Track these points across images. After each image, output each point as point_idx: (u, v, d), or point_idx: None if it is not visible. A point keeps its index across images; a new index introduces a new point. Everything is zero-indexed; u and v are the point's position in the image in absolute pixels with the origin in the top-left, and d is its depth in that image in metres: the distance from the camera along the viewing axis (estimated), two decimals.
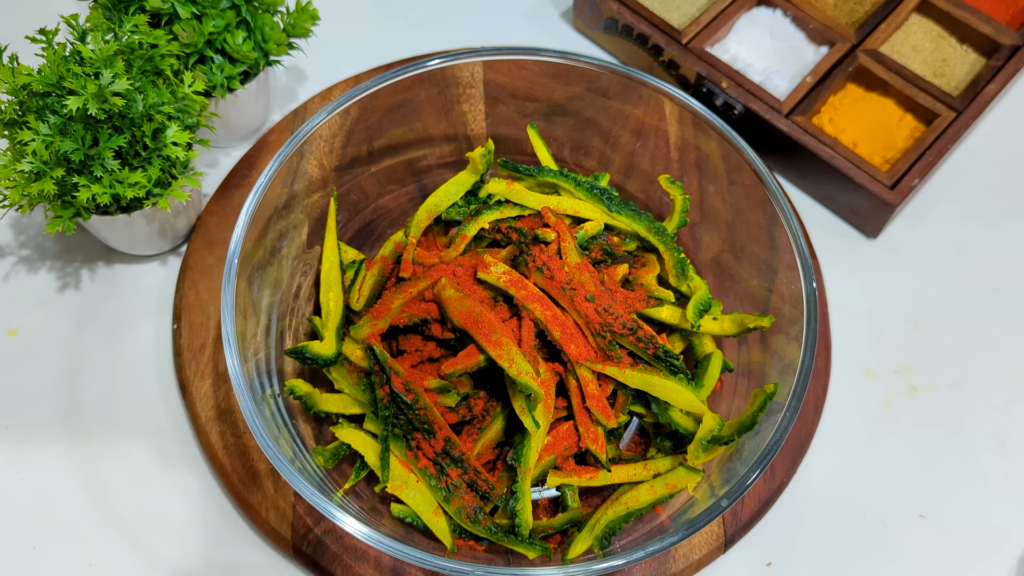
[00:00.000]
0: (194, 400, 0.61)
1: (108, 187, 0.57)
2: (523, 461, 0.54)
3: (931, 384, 0.67)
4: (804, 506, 0.62)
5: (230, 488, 0.59)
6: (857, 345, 0.68)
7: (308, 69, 0.81)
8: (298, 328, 0.62)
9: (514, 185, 0.63)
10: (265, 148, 0.72)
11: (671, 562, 0.57)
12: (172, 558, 0.58)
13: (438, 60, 0.61)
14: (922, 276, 0.72)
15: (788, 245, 0.56)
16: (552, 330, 0.56)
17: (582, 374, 0.56)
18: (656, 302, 0.60)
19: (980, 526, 0.62)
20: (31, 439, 0.62)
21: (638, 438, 0.62)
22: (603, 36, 0.82)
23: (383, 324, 0.58)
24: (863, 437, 0.65)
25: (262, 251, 0.58)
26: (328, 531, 0.57)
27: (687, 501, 0.54)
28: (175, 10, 0.64)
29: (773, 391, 0.54)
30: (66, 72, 0.56)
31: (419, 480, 0.54)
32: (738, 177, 0.60)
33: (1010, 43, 0.77)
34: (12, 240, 0.70)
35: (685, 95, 0.60)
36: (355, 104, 0.61)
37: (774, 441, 0.50)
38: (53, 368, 0.65)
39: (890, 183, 0.69)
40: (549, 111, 0.68)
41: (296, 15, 0.70)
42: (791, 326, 0.55)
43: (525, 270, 0.58)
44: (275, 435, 0.51)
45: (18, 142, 0.56)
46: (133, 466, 0.61)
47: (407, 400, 0.54)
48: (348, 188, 0.67)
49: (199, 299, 0.65)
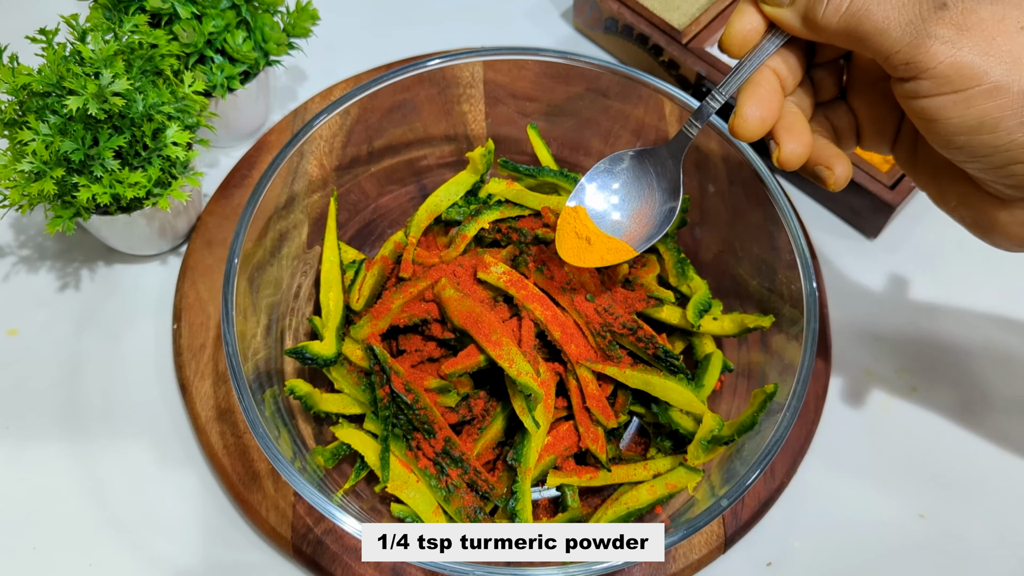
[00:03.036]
0: (194, 400, 0.61)
1: (108, 187, 0.57)
2: (523, 461, 0.54)
3: (931, 384, 0.67)
4: (804, 506, 0.62)
5: (230, 488, 0.59)
6: (857, 345, 0.68)
7: (308, 69, 0.81)
8: (298, 328, 0.62)
9: (514, 185, 0.63)
10: (265, 148, 0.72)
11: (671, 562, 0.57)
12: (172, 558, 0.58)
13: (438, 60, 0.61)
14: (922, 276, 0.72)
15: (788, 245, 0.55)
16: (552, 330, 0.56)
17: (582, 374, 0.56)
18: (656, 302, 0.60)
19: (980, 526, 0.62)
20: (31, 439, 0.62)
21: (638, 438, 0.62)
22: (603, 36, 0.82)
23: (383, 324, 0.58)
24: (863, 437, 0.65)
25: (262, 251, 0.58)
26: (328, 531, 0.57)
27: (687, 501, 0.54)
28: (175, 10, 0.64)
29: (773, 391, 0.54)
30: (66, 72, 0.56)
31: (419, 480, 0.54)
32: (738, 177, 0.60)
33: None
34: (12, 240, 0.70)
35: (685, 95, 0.60)
36: (355, 104, 0.61)
37: (774, 441, 0.50)
38: (53, 368, 0.65)
39: (890, 183, 0.69)
40: (549, 111, 0.68)
41: (296, 15, 0.70)
42: (791, 326, 0.55)
43: (525, 270, 0.58)
44: (275, 435, 0.51)
45: (18, 142, 0.56)
46: (133, 466, 0.61)
47: (407, 400, 0.54)
48: (348, 188, 0.67)
49: (199, 299, 0.65)
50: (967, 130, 0.41)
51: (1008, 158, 0.41)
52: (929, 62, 0.40)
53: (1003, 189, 0.44)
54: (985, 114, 0.40)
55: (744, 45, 0.46)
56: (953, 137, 0.42)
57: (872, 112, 0.49)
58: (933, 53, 0.40)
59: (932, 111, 0.41)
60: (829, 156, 0.47)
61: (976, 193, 0.46)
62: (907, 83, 0.41)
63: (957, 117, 0.41)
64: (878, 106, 0.49)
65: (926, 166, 0.48)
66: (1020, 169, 0.42)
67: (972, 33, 0.39)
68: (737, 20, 0.46)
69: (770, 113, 0.45)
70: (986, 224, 0.47)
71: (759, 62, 0.46)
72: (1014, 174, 0.42)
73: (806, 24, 0.43)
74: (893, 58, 0.41)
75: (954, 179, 0.47)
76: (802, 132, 0.46)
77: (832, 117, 0.50)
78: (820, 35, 0.44)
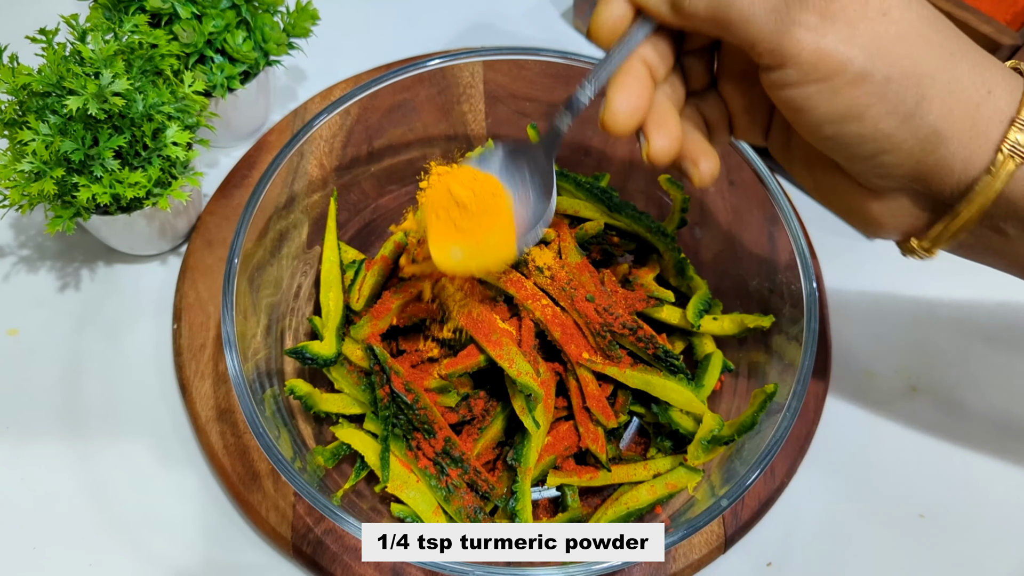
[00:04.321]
0: (194, 400, 0.61)
1: (108, 187, 0.57)
2: (523, 461, 0.54)
3: (931, 384, 0.67)
4: (804, 506, 0.62)
5: (230, 488, 0.59)
6: (857, 345, 0.68)
7: (308, 69, 0.81)
8: (298, 328, 0.62)
9: None
10: (265, 148, 0.72)
11: (671, 562, 0.57)
12: (172, 558, 0.58)
13: (438, 60, 0.61)
14: (922, 276, 0.72)
15: (788, 245, 0.55)
16: (552, 330, 0.56)
17: (582, 374, 0.56)
18: (656, 302, 0.60)
19: (980, 526, 0.62)
20: (31, 439, 0.62)
21: (638, 438, 0.62)
22: None
23: (383, 324, 0.58)
24: (863, 437, 0.65)
25: (262, 251, 0.58)
26: (328, 531, 0.57)
27: (687, 501, 0.54)
28: (175, 10, 0.64)
29: (773, 391, 0.54)
30: (66, 72, 0.56)
31: (419, 480, 0.54)
32: (738, 177, 0.60)
33: (1010, 43, 0.77)
34: (12, 240, 0.70)
35: None
36: (355, 104, 0.61)
37: (774, 441, 0.50)
38: (53, 368, 0.65)
39: None
40: (549, 111, 0.68)
41: (296, 15, 0.70)
42: (791, 326, 0.55)
43: (525, 270, 0.58)
44: (275, 435, 0.51)
45: (18, 142, 0.56)
46: (133, 466, 0.61)
47: (407, 400, 0.54)
48: (348, 188, 0.67)
49: (199, 299, 0.65)
50: (834, 119, 0.40)
51: (875, 148, 0.40)
52: (793, 49, 0.39)
53: (873, 179, 0.43)
54: (851, 103, 0.39)
55: (613, 33, 0.44)
56: (821, 127, 0.41)
57: (743, 102, 0.47)
58: (796, 40, 0.39)
59: (799, 101, 0.40)
60: (696, 152, 0.46)
61: (848, 184, 0.45)
62: (773, 72, 0.40)
63: (823, 106, 0.40)
64: (749, 95, 0.47)
65: (799, 157, 0.47)
66: (888, 159, 0.41)
67: (836, 20, 0.39)
68: (604, 8, 0.44)
69: (641, 104, 0.44)
70: (860, 215, 0.46)
71: (628, 51, 0.44)
72: (882, 164, 0.41)
73: (673, 10, 0.42)
74: (758, 46, 0.40)
75: (826, 169, 0.46)
76: (672, 126, 0.45)
77: (703, 108, 0.48)
78: (687, 22, 0.42)
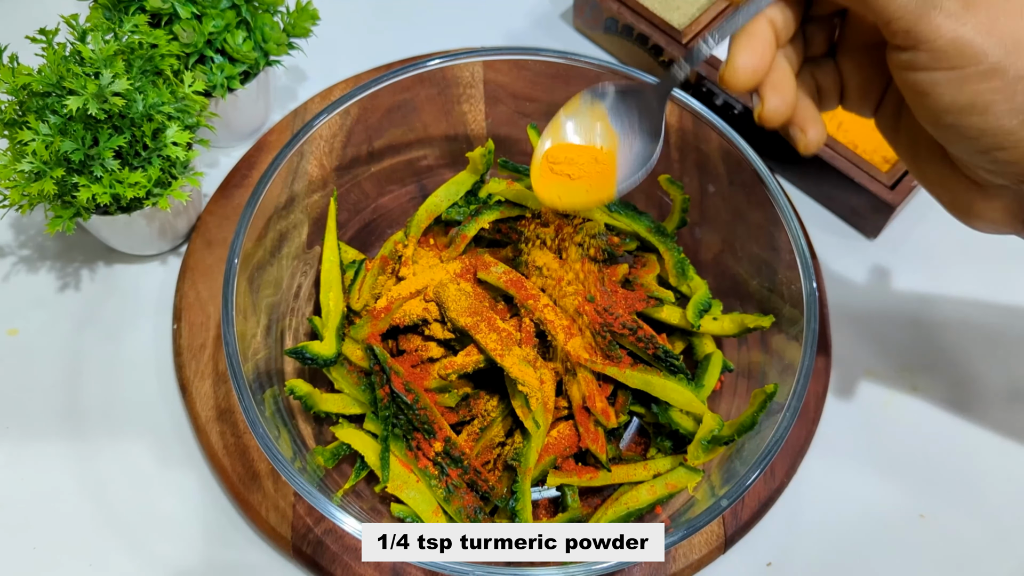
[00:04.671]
0: (194, 400, 0.61)
1: (108, 187, 0.57)
2: (523, 461, 0.54)
3: (931, 384, 0.67)
4: (804, 506, 0.62)
5: (230, 488, 0.59)
6: (857, 345, 0.68)
7: (308, 69, 0.81)
8: (298, 328, 0.62)
9: (514, 185, 0.63)
10: (265, 148, 0.72)
11: (671, 562, 0.57)
12: (172, 558, 0.58)
13: (438, 60, 0.61)
14: (922, 276, 0.72)
15: (788, 245, 0.55)
16: (552, 330, 0.56)
17: (582, 374, 0.56)
18: (656, 302, 0.60)
19: (980, 526, 0.62)
20: (31, 439, 0.62)
21: (638, 438, 0.62)
22: (603, 36, 0.82)
23: (383, 324, 0.58)
24: (863, 437, 0.65)
25: (262, 251, 0.58)
26: (328, 531, 0.57)
27: (687, 501, 0.54)
28: (175, 10, 0.64)
29: (773, 391, 0.54)
30: (66, 72, 0.56)
31: (419, 480, 0.54)
32: (738, 177, 0.60)
33: None
34: (12, 240, 0.70)
35: (685, 95, 0.60)
36: (355, 104, 0.61)
37: (774, 441, 0.50)
38: (53, 368, 0.65)
39: (890, 183, 0.69)
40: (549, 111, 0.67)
41: (296, 15, 0.70)
42: (791, 326, 0.55)
43: (525, 270, 0.58)
44: (275, 435, 0.51)
45: (18, 142, 0.56)
46: (133, 466, 0.61)
47: (407, 400, 0.54)
48: (348, 188, 0.67)
49: (199, 299, 0.65)
50: (957, 109, 0.40)
51: (993, 143, 0.41)
52: (930, 33, 0.39)
53: (982, 173, 0.43)
54: (977, 95, 0.39)
55: None
56: (942, 115, 0.41)
57: (860, 75, 0.47)
58: (936, 25, 0.38)
59: (925, 85, 0.40)
60: (805, 119, 0.46)
61: (955, 175, 0.45)
62: (904, 53, 0.40)
63: (949, 95, 0.40)
64: (867, 69, 0.47)
65: (906, 139, 0.47)
66: (1002, 155, 0.41)
67: (977, 10, 0.38)
68: None
69: (762, 65, 0.43)
70: (963, 206, 0.46)
71: (757, 9, 0.43)
72: (996, 160, 0.41)
73: None
74: (894, 24, 0.39)
75: (932, 157, 0.46)
76: (788, 90, 0.45)
77: (817, 74, 0.48)
78: None
